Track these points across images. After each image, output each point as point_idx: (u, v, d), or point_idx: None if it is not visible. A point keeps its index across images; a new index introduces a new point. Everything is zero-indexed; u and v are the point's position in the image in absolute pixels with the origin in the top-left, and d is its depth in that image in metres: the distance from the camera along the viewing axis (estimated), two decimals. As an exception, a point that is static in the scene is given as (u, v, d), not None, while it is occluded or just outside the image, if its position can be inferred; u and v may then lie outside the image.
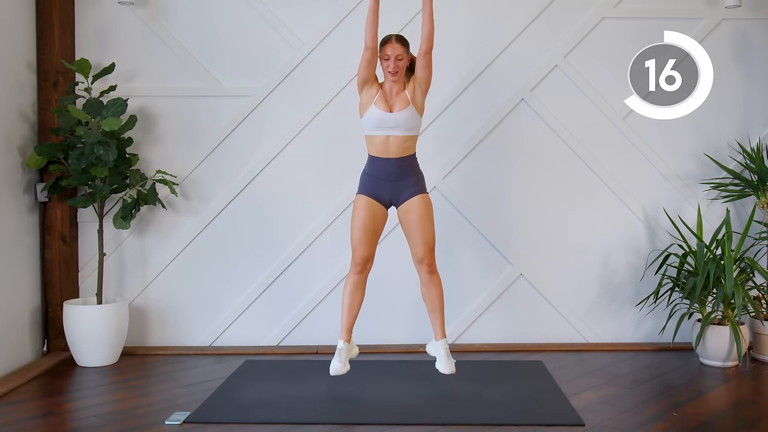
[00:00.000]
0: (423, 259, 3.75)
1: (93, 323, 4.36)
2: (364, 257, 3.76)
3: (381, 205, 3.80)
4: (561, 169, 4.78)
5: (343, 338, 3.80)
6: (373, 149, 3.80)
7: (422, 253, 3.74)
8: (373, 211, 3.78)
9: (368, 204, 3.78)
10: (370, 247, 3.78)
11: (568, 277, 4.79)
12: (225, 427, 3.39)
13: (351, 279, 3.78)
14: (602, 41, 4.75)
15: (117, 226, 4.53)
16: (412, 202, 3.77)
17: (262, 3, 4.73)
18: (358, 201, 3.81)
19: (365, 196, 3.80)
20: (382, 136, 3.75)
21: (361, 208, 3.78)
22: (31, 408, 3.69)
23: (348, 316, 3.80)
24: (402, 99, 3.77)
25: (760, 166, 4.53)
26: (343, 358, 3.75)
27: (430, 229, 3.77)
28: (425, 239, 3.75)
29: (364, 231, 3.76)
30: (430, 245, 3.76)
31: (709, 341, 4.30)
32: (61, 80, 4.60)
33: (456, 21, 4.74)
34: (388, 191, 3.79)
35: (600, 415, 3.51)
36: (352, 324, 3.82)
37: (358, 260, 3.76)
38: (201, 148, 4.77)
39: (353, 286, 3.78)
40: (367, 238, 3.77)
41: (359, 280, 3.78)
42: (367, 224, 3.77)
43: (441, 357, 3.78)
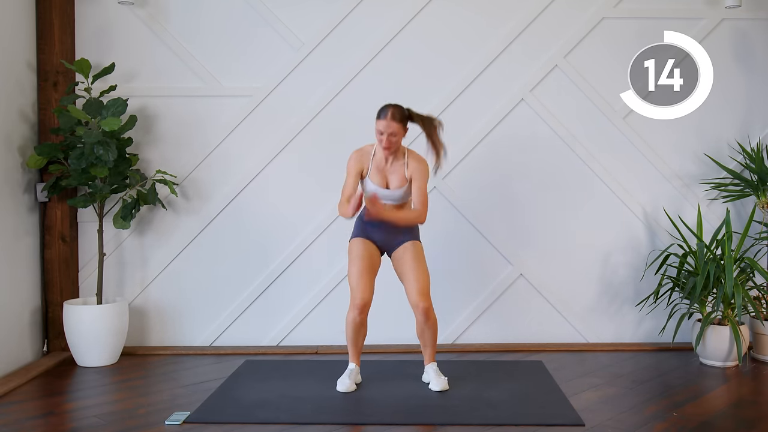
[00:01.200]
0: (418, 304, 3.74)
1: (93, 323, 4.36)
2: (364, 300, 3.75)
3: (376, 246, 3.85)
4: (561, 169, 4.78)
5: (353, 362, 3.88)
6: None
7: (417, 297, 3.74)
8: (369, 250, 3.82)
9: (364, 244, 3.82)
10: (369, 288, 3.77)
11: (568, 277, 4.79)
12: (225, 427, 3.39)
13: (352, 318, 3.78)
14: (602, 41, 4.75)
15: (117, 226, 4.53)
16: (405, 247, 3.81)
17: (262, 3, 4.73)
18: (353, 243, 3.85)
19: (360, 238, 3.84)
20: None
21: (358, 249, 3.81)
22: (31, 408, 3.69)
23: (355, 348, 3.87)
24: (399, 176, 3.78)
25: (760, 166, 4.53)
26: (352, 378, 3.85)
27: (423, 274, 3.78)
28: (420, 284, 3.75)
29: (363, 271, 3.76)
30: (425, 291, 3.76)
31: (709, 341, 4.30)
32: (61, 80, 4.60)
33: (456, 21, 4.74)
34: (381, 238, 3.84)
35: (600, 415, 3.51)
36: (360, 351, 3.91)
37: (357, 302, 3.74)
38: (201, 148, 4.77)
39: (356, 326, 3.79)
40: (366, 278, 3.76)
41: (361, 320, 3.79)
42: (366, 263, 3.78)
43: (432, 378, 3.85)
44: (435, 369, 3.87)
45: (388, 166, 3.78)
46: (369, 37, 4.73)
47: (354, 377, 3.87)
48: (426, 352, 3.89)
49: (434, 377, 3.84)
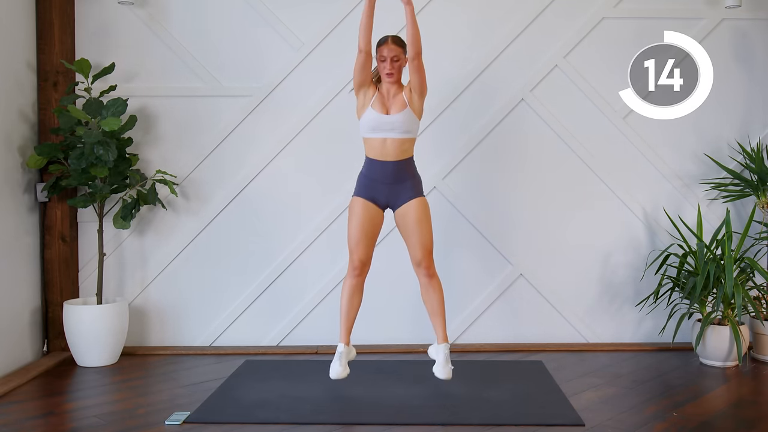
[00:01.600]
0: (421, 263, 3.73)
1: (93, 323, 4.36)
2: (361, 260, 3.75)
3: (377, 207, 3.79)
4: (561, 169, 4.78)
5: (342, 341, 3.79)
6: (370, 152, 3.78)
7: (420, 256, 3.73)
8: (370, 213, 3.77)
9: (365, 206, 3.77)
10: (367, 250, 3.76)
11: (568, 277, 4.79)
12: (225, 427, 3.39)
13: (348, 282, 3.77)
14: (602, 41, 4.75)
15: (117, 226, 4.53)
16: (409, 206, 3.75)
17: (262, 3, 4.73)
18: (354, 203, 3.80)
19: (362, 199, 3.78)
20: (379, 139, 3.74)
21: (358, 211, 3.77)
22: (31, 408, 3.69)
23: (347, 319, 3.79)
24: (399, 101, 3.75)
25: (760, 166, 4.53)
26: (343, 362, 3.74)
27: (427, 233, 3.75)
28: (423, 243, 3.73)
29: (361, 234, 3.74)
30: (428, 248, 3.74)
31: (709, 341, 4.30)
32: (61, 80, 4.60)
33: (456, 21, 4.74)
34: (384, 194, 3.77)
35: (600, 415, 3.51)
36: (351, 327, 3.81)
37: (356, 263, 3.74)
38: (201, 148, 4.77)
39: (351, 289, 3.77)
40: (364, 241, 3.75)
41: (357, 283, 3.77)
42: (365, 227, 3.75)
43: (439, 361, 3.76)
44: (446, 354, 3.75)
45: (390, 97, 3.76)
46: (369, 37, 4.73)
47: (345, 358, 3.75)
48: (436, 324, 3.77)
49: (442, 363, 3.72)
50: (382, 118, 3.72)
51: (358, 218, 3.76)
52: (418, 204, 3.76)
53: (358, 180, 3.85)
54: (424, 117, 4.62)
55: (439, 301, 3.78)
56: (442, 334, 3.79)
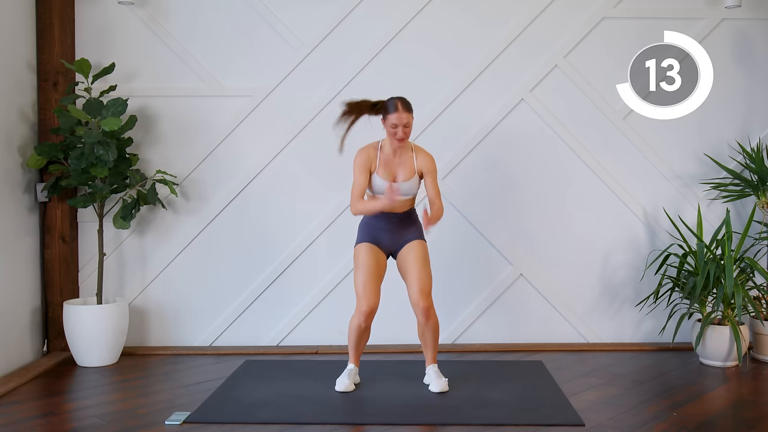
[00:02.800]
0: (419, 303, 3.73)
1: (93, 323, 4.36)
2: (370, 306, 3.74)
3: (382, 251, 3.83)
4: (561, 169, 4.78)
5: (352, 362, 3.89)
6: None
7: (418, 297, 3.72)
8: (377, 256, 3.80)
9: (370, 249, 3.79)
10: (375, 295, 3.76)
11: (568, 277, 4.78)
12: (225, 427, 3.39)
13: (356, 324, 3.77)
14: (602, 41, 4.75)
15: (117, 226, 4.53)
16: (410, 246, 3.80)
17: (262, 3, 4.73)
18: (359, 249, 3.82)
19: (366, 243, 3.81)
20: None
21: (364, 255, 3.79)
22: (31, 408, 3.69)
23: (356, 351, 3.88)
24: (407, 168, 3.77)
25: (760, 166, 4.53)
26: (351, 379, 3.85)
27: (426, 273, 3.76)
28: (421, 283, 3.73)
29: (370, 277, 3.74)
30: (427, 290, 3.74)
31: (709, 341, 4.30)
32: (61, 80, 4.60)
33: (456, 21, 4.74)
34: (387, 239, 3.82)
35: (600, 415, 3.51)
36: (361, 354, 3.92)
37: (363, 309, 3.73)
38: (201, 148, 4.77)
39: (359, 331, 3.79)
40: (372, 285, 3.75)
41: (366, 326, 3.79)
42: (372, 269, 3.76)
43: (432, 379, 3.84)
44: (436, 370, 3.87)
45: (396, 159, 3.78)
46: (369, 37, 4.73)
47: (353, 377, 3.87)
48: (427, 353, 3.88)
49: (434, 378, 3.83)
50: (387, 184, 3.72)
51: (365, 261, 3.77)
52: (419, 245, 3.80)
53: (359, 229, 3.89)
54: (424, 117, 4.63)
55: (434, 338, 3.84)
56: (432, 358, 3.88)
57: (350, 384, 3.83)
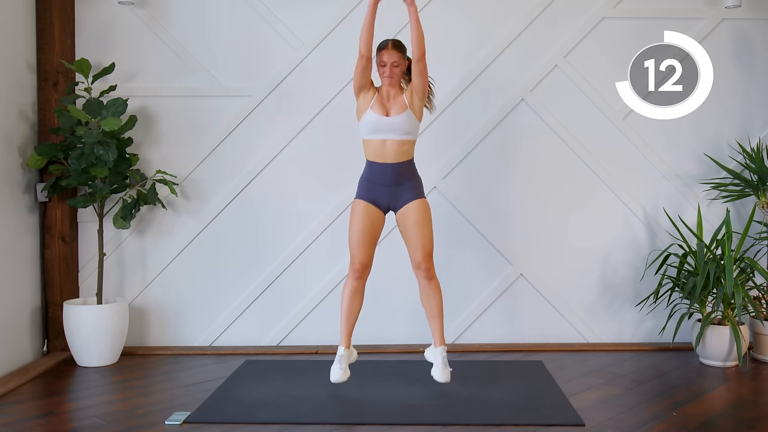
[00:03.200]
0: (420, 265, 3.73)
1: (93, 323, 4.36)
2: (362, 263, 3.74)
3: (379, 210, 3.79)
4: (561, 169, 4.78)
5: (343, 344, 3.80)
6: (370, 154, 3.79)
7: (420, 258, 3.72)
8: (371, 216, 3.77)
9: (366, 209, 3.77)
10: (368, 252, 3.76)
11: (568, 277, 4.79)
12: (225, 427, 3.39)
13: (349, 285, 3.77)
14: (602, 41, 4.75)
15: (117, 226, 4.53)
16: (410, 207, 3.75)
17: (261, 3, 4.73)
18: (355, 206, 3.80)
19: (363, 201, 3.78)
20: (378, 141, 3.74)
21: (359, 213, 3.77)
22: (31, 408, 3.69)
23: (347, 322, 3.80)
24: (399, 103, 3.75)
25: (760, 166, 4.53)
26: (343, 365, 3.76)
27: (428, 234, 3.75)
28: (423, 244, 3.73)
29: (362, 236, 3.75)
30: (428, 250, 3.74)
31: (709, 341, 4.30)
32: (61, 80, 4.60)
33: (456, 21, 4.74)
34: (385, 196, 3.77)
35: (600, 415, 3.51)
36: (352, 330, 3.82)
37: (356, 266, 3.74)
38: (201, 148, 4.77)
39: (352, 292, 3.77)
40: (365, 243, 3.75)
41: (358, 286, 3.77)
42: (366, 229, 3.75)
43: (437, 364, 3.77)
44: (443, 356, 3.76)
45: (390, 100, 3.77)
46: (369, 37, 4.73)
47: (346, 362, 3.77)
48: (434, 327, 3.78)
49: (441, 366, 3.74)
50: (382, 119, 3.71)
51: (359, 220, 3.76)
52: (419, 205, 3.76)
53: (359, 183, 3.85)
54: (424, 117, 4.62)
55: (437, 303, 3.78)
56: (440, 337, 3.79)
57: (343, 373, 3.73)
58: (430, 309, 3.80)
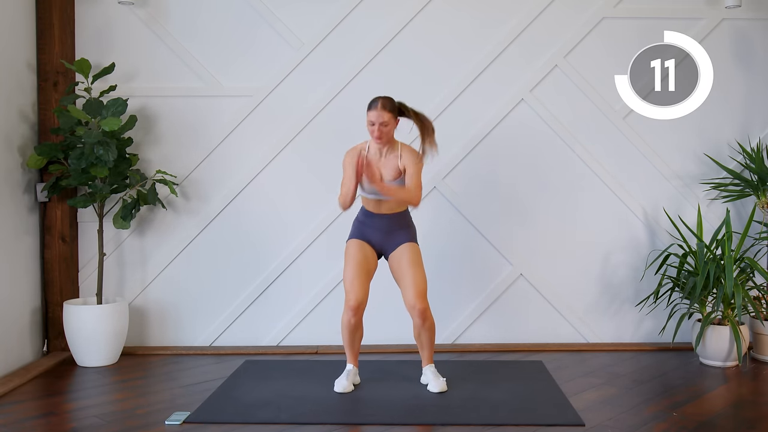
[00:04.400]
0: (415, 305, 3.72)
1: (93, 323, 4.36)
2: (358, 300, 3.73)
3: (372, 248, 3.84)
4: (561, 169, 4.78)
5: (350, 362, 3.89)
6: (365, 204, 3.85)
7: (414, 299, 3.71)
8: (365, 252, 3.81)
9: (360, 246, 3.82)
10: (363, 289, 3.76)
11: (568, 277, 4.78)
12: (225, 427, 3.39)
13: (347, 320, 3.77)
14: (602, 41, 4.75)
15: (117, 226, 4.53)
16: (402, 249, 3.80)
17: (262, 3, 4.73)
18: (350, 245, 3.84)
19: (357, 240, 3.84)
20: (373, 200, 3.79)
21: (354, 250, 3.81)
22: (31, 408, 3.69)
23: (351, 348, 3.87)
24: (392, 167, 3.75)
25: (760, 166, 4.53)
26: (350, 379, 3.85)
27: (420, 275, 3.75)
28: (416, 285, 3.72)
29: (357, 272, 3.76)
30: (421, 291, 3.73)
31: (709, 341, 4.30)
32: (61, 80, 4.60)
33: (456, 21, 4.74)
34: (378, 239, 3.83)
35: (600, 415, 3.51)
36: (358, 352, 3.91)
37: (352, 303, 3.73)
38: (201, 148, 4.77)
39: (351, 327, 3.78)
40: (360, 279, 3.75)
41: (356, 322, 3.78)
42: (360, 265, 3.77)
43: (430, 379, 3.85)
44: (433, 370, 3.86)
45: (381, 159, 3.77)
46: (369, 36, 4.73)
47: (352, 378, 3.86)
48: (423, 354, 3.88)
49: (432, 379, 3.83)
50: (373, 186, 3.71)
51: (353, 257, 3.79)
52: (411, 247, 3.81)
53: (353, 224, 3.91)
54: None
55: (430, 339, 3.84)
56: (428, 358, 3.88)
57: (349, 385, 3.82)
58: (421, 343, 3.87)
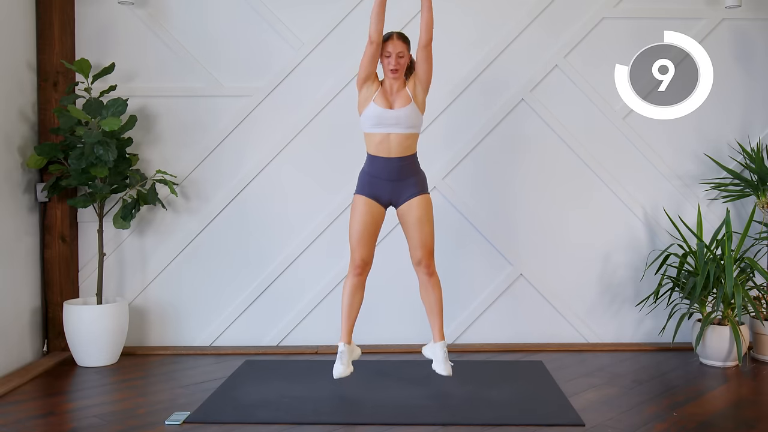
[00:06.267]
0: (421, 261, 3.73)
1: (93, 323, 4.36)
2: (363, 259, 3.74)
3: (380, 205, 3.77)
4: (561, 169, 4.78)
5: (343, 341, 3.78)
6: (372, 148, 3.76)
7: (420, 255, 3.72)
8: (372, 212, 3.75)
9: (367, 204, 3.75)
10: (369, 248, 3.76)
11: (568, 277, 4.79)
12: (225, 427, 3.39)
13: (350, 281, 3.76)
14: (602, 41, 4.75)
15: (117, 226, 4.53)
16: (412, 203, 3.74)
17: (262, 3, 4.73)
18: (356, 201, 3.78)
19: (364, 197, 3.76)
20: (381, 134, 3.72)
21: (360, 210, 3.75)
22: (31, 408, 3.69)
23: (348, 318, 3.78)
24: (403, 96, 3.73)
25: (760, 166, 4.53)
26: (345, 361, 3.74)
27: (429, 231, 3.74)
28: (424, 241, 3.72)
29: (363, 232, 3.74)
30: (429, 248, 3.73)
31: (709, 341, 4.30)
32: (61, 80, 4.60)
33: (456, 21, 4.74)
34: (387, 191, 3.75)
35: (600, 415, 3.51)
36: (352, 326, 3.81)
37: (357, 262, 3.74)
38: (201, 148, 4.77)
39: (352, 288, 3.76)
40: (366, 239, 3.74)
41: (359, 282, 3.76)
42: (367, 225, 3.74)
43: (438, 359, 3.76)
44: (444, 350, 3.76)
45: (393, 93, 3.74)
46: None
47: (348, 358, 3.75)
48: (433, 322, 3.79)
49: (441, 359, 3.74)
50: (386, 112, 3.69)
51: (360, 216, 3.74)
52: (421, 201, 3.74)
53: (359, 177, 3.82)
54: (424, 116, 4.61)
55: (437, 299, 3.78)
56: (439, 332, 3.79)
57: (345, 368, 3.72)
58: (429, 304, 3.80)
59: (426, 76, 3.72)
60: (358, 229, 3.74)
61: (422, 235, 3.72)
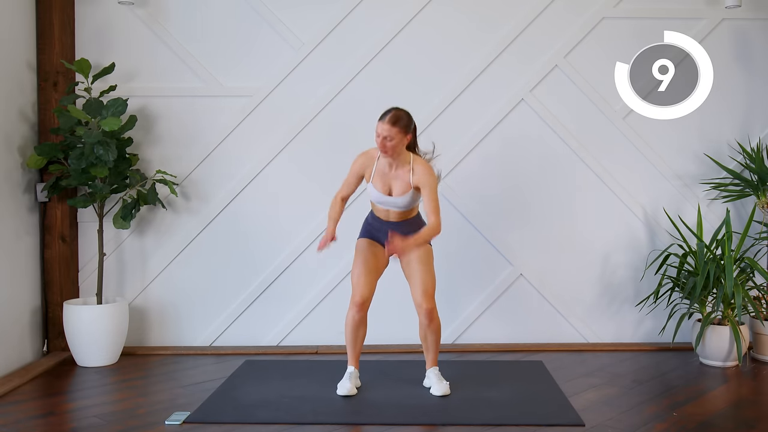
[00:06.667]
0: (422, 305, 3.71)
1: (93, 323, 4.36)
2: (363, 296, 3.74)
3: (381, 246, 3.80)
4: (561, 169, 4.78)
5: (352, 365, 3.86)
6: (374, 210, 3.83)
7: (421, 298, 3.71)
8: (374, 250, 3.80)
9: (369, 244, 3.81)
10: (369, 286, 3.76)
11: (568, 277, 4.78)
12: (225, 427, 3.39)
13: (351, 317, 3.77)
14: (602, 41, 4.75)
15: (117, 226, 4.53)
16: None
17: (262, 3, 4.73)
18: (359, 243, 3.84)
19: (366, 239, 3.83)
20: (383, 209, 3.79)
21: (362, 248, 3.81)
22: (31, 408, 3.69)
23: (353, 348, 3.85)
24: (402, 183, 3.68)
25: (760, 166, 4.53)
26: (353, 382, 3.82)
27: (429, 276, 3.73)
28: (424, 286, 3.71)
29: (365, 268, 3.76)
30: (430, 291, 3.72)
31: (709, 341, 4.30)
32: (61, 80, 4.60)
33: (456, 21, 4.74)
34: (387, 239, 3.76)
35: (600, 415, 3.51)
36: (359, 353, 3.89)
37: (357, 299, 3.74)
38: (201, 148, 4.77)
39: (354, 324, 3.79)
40: (367, 275, 3.75)
41: (360, 318, 3.78)
42: (368, 262, 3.77)
43: (433, 382, 3.83)
44: (437, 373, 3.85)
45: (392, 171, 3.69)
46: (369, 36, 4.73)
47: (354, 381, 3.83)
48: (428, 356, 3.87)
49: (435, 382, 3.82)
50: (384, 198, 3.72)
51: (362, 254, 3.79)
52: (421, 248, 3.73)
53: (363, 225, 3.89)
54: (424, 116, 4.62)
55: (435, 340, 3.83)
56: (432, 360, 3.87)
57: (352, 387, 3.79)
58: (426, 343, 3.85)
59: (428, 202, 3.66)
60: (360, 265, 3.77)
61: (422, 278, 3.71)
